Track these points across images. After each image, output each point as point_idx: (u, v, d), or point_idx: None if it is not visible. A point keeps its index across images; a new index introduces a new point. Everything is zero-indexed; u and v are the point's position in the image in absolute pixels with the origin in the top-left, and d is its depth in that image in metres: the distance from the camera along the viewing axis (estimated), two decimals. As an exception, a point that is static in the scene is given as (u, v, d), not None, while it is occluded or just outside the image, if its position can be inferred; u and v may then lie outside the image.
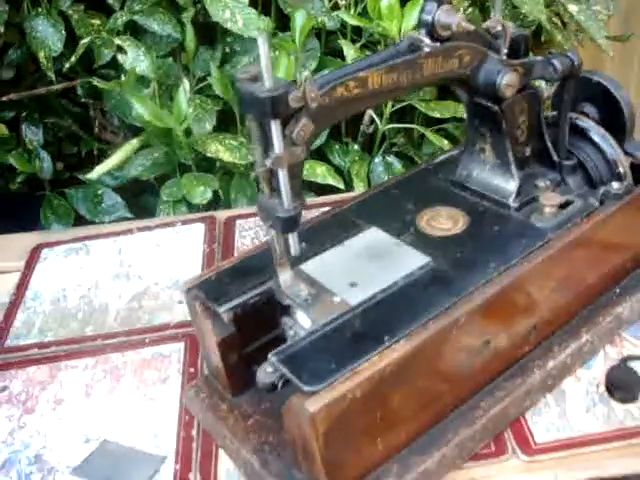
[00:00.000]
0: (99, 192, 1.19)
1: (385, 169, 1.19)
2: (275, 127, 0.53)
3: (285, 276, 0.61)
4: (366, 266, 0.66)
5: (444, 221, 0.71)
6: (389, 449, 0.61)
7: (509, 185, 0.72)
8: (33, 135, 1.23)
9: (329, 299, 0.61)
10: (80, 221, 1.21)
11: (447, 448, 0.62)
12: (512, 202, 0.71)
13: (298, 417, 0.55)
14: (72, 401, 0.77)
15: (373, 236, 0.70)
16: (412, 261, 0.65)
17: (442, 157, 0.84)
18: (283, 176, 0.54)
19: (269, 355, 0.57)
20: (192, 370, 0.79)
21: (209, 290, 0.65)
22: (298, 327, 0.61)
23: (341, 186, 1.10)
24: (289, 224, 0.56)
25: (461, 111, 1.12)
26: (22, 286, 0.96)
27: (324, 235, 0.71)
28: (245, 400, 0.69)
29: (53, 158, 1.23)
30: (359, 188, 1.14)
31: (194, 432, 0.71)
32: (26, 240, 1.06)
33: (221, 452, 0.69)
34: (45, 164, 1.22)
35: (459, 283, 0.62)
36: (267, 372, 0.59)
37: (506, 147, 0.71)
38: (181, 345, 0.83)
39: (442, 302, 0.60)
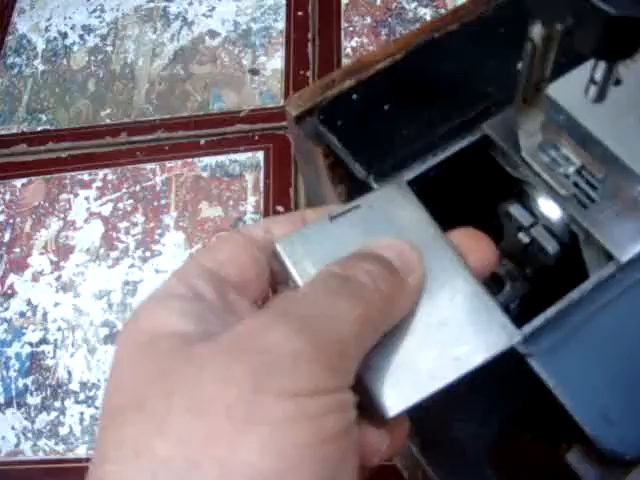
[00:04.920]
0: None
1: None
2: None
3: (531, 124, 0.26)
4: None
5: None
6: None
7: None
8: None
9: (629, 192, 0.26)
10: None
11: None
12: None
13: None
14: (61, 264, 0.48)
15: None
16: None
17: None
18: None
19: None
20: (280, 209, 0.47)
21: (347, 133, 0.29)
22: (547, 242, 0.27)
23: None
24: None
25: None
26: None
27: None
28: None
29: None
30: None
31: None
32: None
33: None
34: None
35: None
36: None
37: None
38: (259, 156, 0.50)
39: None
